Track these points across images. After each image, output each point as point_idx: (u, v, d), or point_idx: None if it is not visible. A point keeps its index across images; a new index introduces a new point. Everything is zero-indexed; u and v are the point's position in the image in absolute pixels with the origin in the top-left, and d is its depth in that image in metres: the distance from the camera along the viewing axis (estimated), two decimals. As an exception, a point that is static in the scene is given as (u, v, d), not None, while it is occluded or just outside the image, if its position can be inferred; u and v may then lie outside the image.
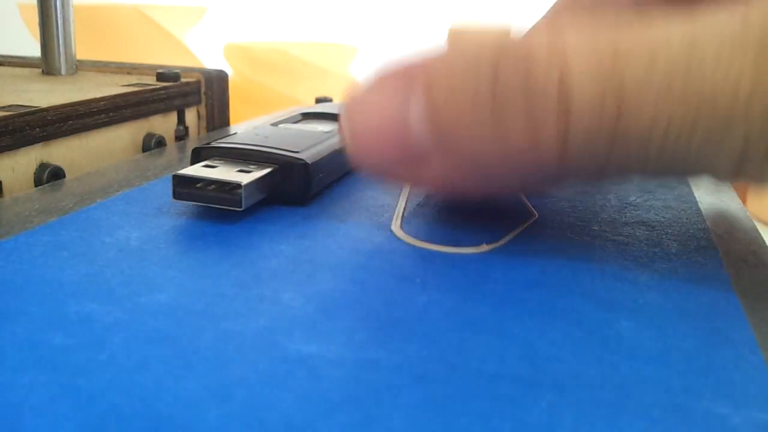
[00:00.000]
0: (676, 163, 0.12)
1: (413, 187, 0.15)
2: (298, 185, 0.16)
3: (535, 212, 0.16)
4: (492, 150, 0.12)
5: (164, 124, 0.25)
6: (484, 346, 0.10)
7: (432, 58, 0.13)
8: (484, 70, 0.12)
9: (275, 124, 0.20)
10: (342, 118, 0.13)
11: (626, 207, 0.17)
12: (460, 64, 0.12)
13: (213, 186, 0.15)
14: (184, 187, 0.15)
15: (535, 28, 0.19)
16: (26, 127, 0.19)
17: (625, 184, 0.19)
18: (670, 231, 0.15)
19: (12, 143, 0.18)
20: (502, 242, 0.14)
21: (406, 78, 0.13)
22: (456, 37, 0.13)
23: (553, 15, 0.19)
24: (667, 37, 0.11)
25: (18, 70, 0.28)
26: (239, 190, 0.15)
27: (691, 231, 0.16)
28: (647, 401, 0.09)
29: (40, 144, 0.19)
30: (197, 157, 0.17)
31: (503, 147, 0.12)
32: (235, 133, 0.18)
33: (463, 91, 0.12)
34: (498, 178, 0.13)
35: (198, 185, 0.15)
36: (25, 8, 0.53)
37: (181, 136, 0.25)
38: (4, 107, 0.19)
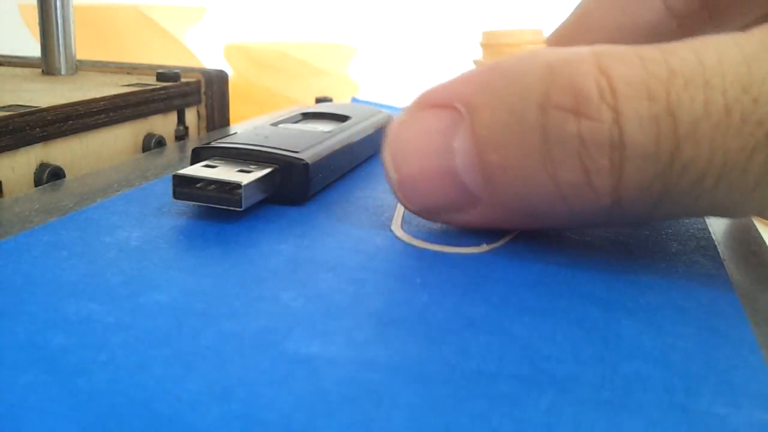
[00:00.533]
0: (726, 202, 0.11)
1: (461, 226, 0.15)
2: (298, 185, 0.16)
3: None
4: (541, 192, 0.12)
5: (164, 124, 0.25)
6: (484, 346, 0.10)
7: (473, 92, 0.12)
8: (532, 112, 0.12)
9: (275, 124, 0.20)
10: (385, 160, 0.13)
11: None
12: (504, 104, 0.12)
13: (213, 186, 0.15)
14: (184, 187, 0.15)
15: (564, 28, 0.19)
16: (26, 127, 0.19)
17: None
18: (670, 231, 0.15)
19: (12, 143, 0.18)
20: (502, 242, 0.14)
21: (448, 116, 0.13)
22: (496, 70, 0.12)
23: (581, 13, 0.19)
24: (722, 65, 0.11)
25: (18, 70, 0.28)
26: (239, 190, 0.15)
27: (691, 231, 0.16)
28: (647, 401, 0.09)
29: (40, 144, 0.19)
30: (197, 157, 0.17)
31: (553, 189, 0.12)
32: (235, 133, 0.18)
33: (510, 134, 0.12)
34: (545, 219, 0.13)
35: (198, 185, 0.15)
36: (25, 8, 0.53)
37: (181, 136, 0.25)
38: (4, 107, 0.19)
